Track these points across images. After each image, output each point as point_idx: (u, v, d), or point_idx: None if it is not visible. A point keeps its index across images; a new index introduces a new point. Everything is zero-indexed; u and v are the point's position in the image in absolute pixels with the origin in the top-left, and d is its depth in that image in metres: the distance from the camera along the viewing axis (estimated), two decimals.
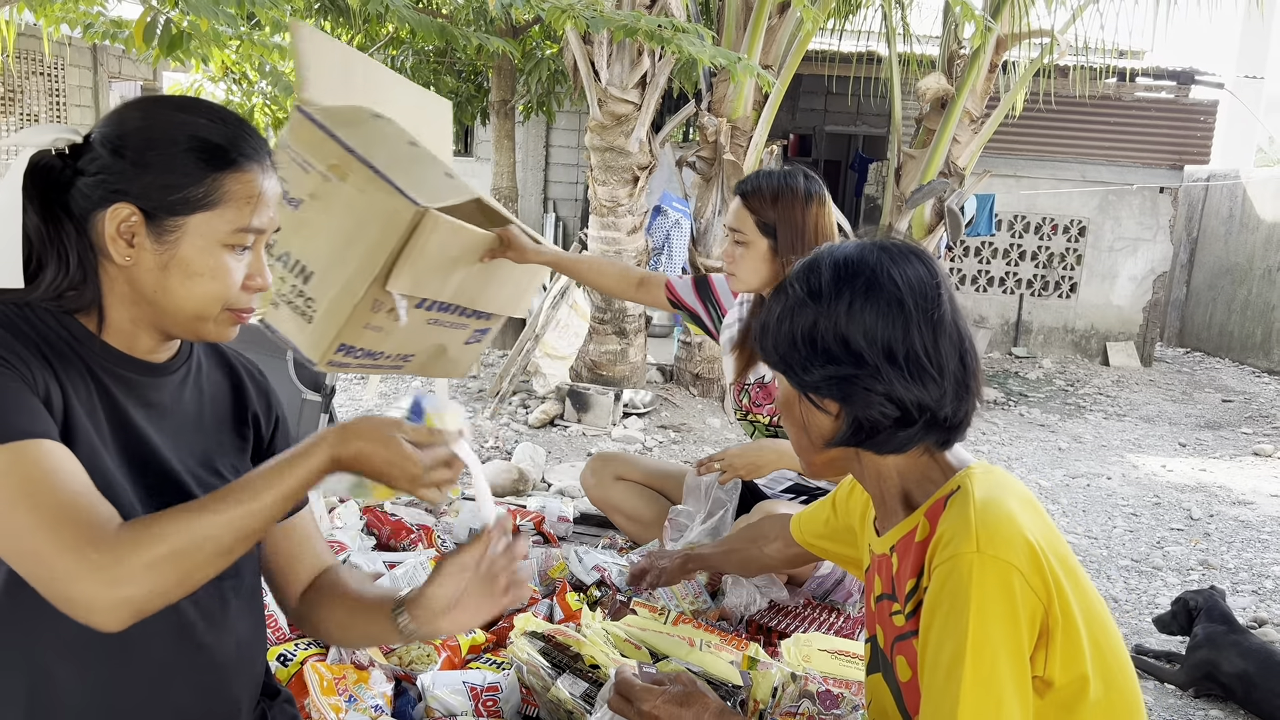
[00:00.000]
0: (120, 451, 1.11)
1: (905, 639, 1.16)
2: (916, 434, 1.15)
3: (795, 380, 1.18)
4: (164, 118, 1.10)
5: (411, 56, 7.70)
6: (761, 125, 6.15)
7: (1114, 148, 9.34)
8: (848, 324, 1.12)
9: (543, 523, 2.60)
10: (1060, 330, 9.76)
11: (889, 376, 1.11)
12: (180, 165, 1.08)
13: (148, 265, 1.09)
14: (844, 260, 1.16)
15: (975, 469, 1.18)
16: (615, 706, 1.35)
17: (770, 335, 1.19)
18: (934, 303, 1.13)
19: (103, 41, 3.89)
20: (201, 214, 1.09)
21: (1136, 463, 6.11)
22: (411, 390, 6.29)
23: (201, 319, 1.13)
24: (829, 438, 1.19)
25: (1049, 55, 6.93)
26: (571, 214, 11.69)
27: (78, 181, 1.08)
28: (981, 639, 1.03)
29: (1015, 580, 1.04)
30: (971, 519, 1.08)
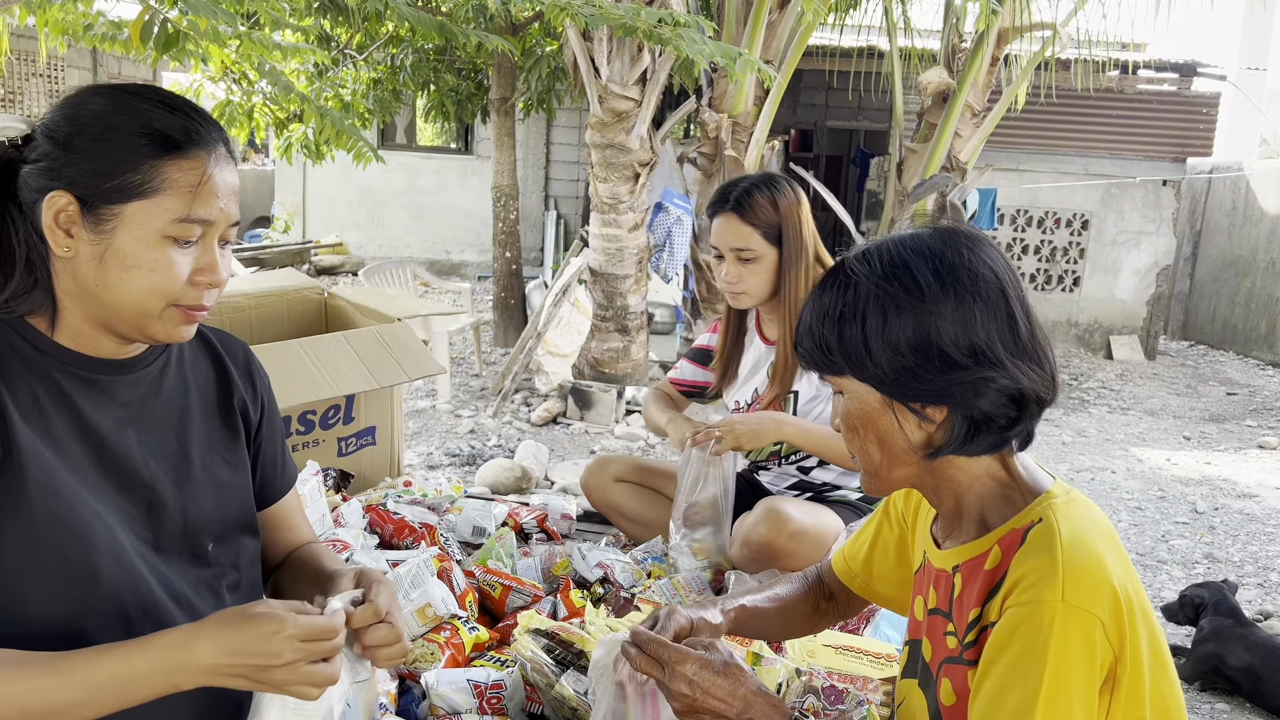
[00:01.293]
0: (87, 459, 1.07)
1: (955, 664, 1.12)
2: (1023, 425, 1.11)
3: (897, 391, 1.10)
4: (107, 103, 1.05)
5: (411, 55, 7.69)
6: (762, 121, 6.13)
7: (1116, 141, 9.31)
8: (961, 324, 1.07)
9: (546, 520, 2.59)
10: (1063, 324, 9.74)
11: (1013, 370, 1.07)
12: (116, 150, 1.02)
13: (85, 256, 1.03)
14: (933, 254, 1.10)
15: (1056, 497, 1.12)
16: (642, 666, 1.22)
17: (855, 343, 1.10)
18: (1020, 287, 1.11)
19: (102, 47, 3.87)
20: (138, 202, 1.03)
21: (1141, 456, 6.10)
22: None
23: (144, 315, 1.06)
24: (928, 447, 1.12)
25: (1051, 48, 6.91)
26: (573, 211, 11.68)
27: (21, 171, 1.04)
28: (1057, 691, 0.98)
29: (1097, 632, 1.00)
30: (1059, 564, 1.02)
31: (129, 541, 1.09)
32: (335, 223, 12.08)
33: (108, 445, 1.10)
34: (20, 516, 1.00)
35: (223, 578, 1.20)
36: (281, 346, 2.46)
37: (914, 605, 1.27)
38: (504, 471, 4.45)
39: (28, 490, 1.01)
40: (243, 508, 1.24)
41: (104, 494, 1.08)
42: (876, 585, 1.45)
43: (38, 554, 1.01)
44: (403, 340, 2.73)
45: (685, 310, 6.80)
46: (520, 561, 2.27)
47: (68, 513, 1.02)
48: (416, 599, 1.87)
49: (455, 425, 5.70)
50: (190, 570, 1.16)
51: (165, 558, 1.14)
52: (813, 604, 1.55)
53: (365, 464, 2.88)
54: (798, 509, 2.17)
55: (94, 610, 1.05)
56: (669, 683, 1.20)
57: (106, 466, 1.09)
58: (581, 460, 5.04)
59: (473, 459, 5.03)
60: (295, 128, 5.87)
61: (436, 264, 11.66)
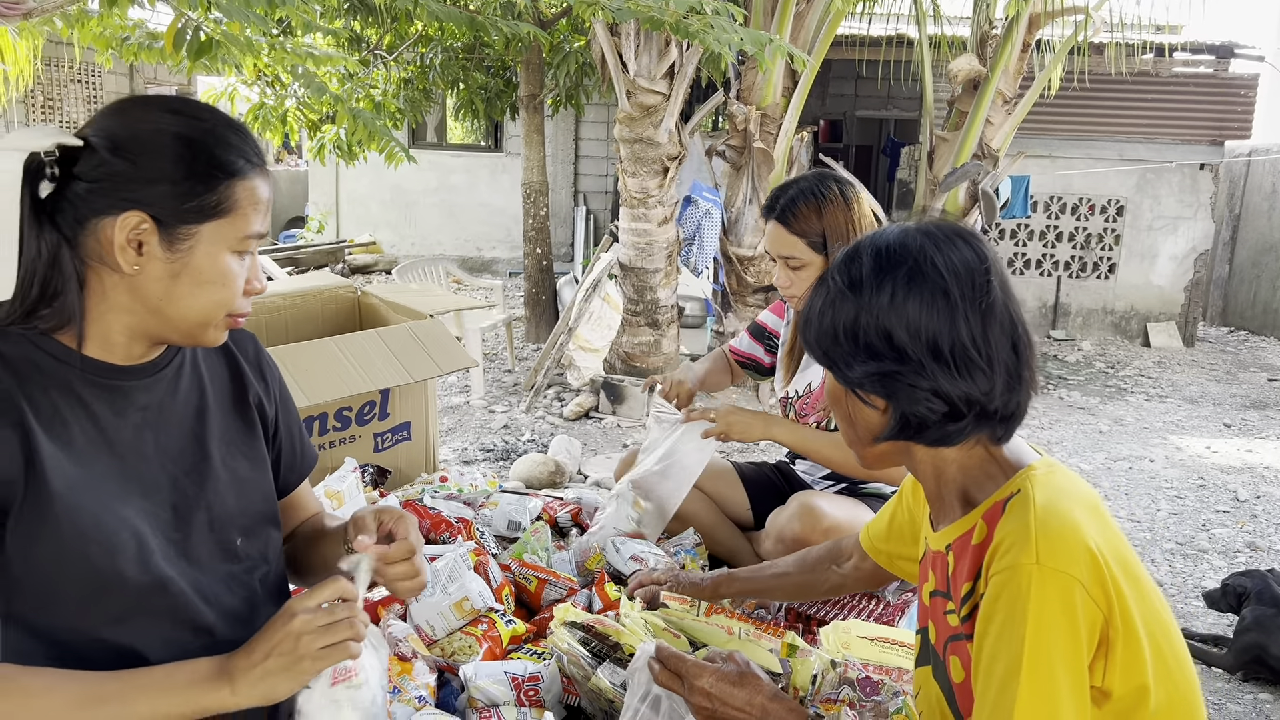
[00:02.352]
0: (109, 467, 1.09)
1: (959, 640, 1.14)
2: (967, 427, 1.10)
3: (839, 376, 1.14)
4: (176, 125, 1.06)
5: (440, 53, 7.74)
6: (791, 112, 6.11)
7: (1152, 125, 9.17)
8: (890, 317, 1.07)
9: (579, 514, 2.61)
10: (1099, 312, 9.61)
11: (934, 371, 1.06)
12: (195, 173, 1.05)
13: (156, 274, 1.06)
14: (885, 248, 1.11)
15: (1036, 469, 1.13)
16: (663, 681, 1.30)
17: (813, 329, 1.15)
18: (982, 289, 1.08)
19: (139, 59, 3.93)
20: (214, 222, 1.07)
21: (1180, 444, 6.02)
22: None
23: (204, 326, 1.11)
24: (877, 432, 1.15)
25: (1083, 32, 6.81)
26: (602, 206, 11.70)
27: (74, 186, 1.04)
28: (1038, 653, 0.99)
29: (1076, 593, 1.00)
30: (1031, 528, 1.04)
31: (157, 544, 1.11)
32: (368, 222, 12.19)
33: (129, 451, 1.11)
34: (47, 529, 1.02)
35: (254, 571, 1.23)
36: (317, 345, 2.50)
37: (920, 591, 1.29)
38: (537, 466, 4.48)
39: (53, 504, 1.02)
40: (265, 500, 1.26)
41: (129, 501, 1.09)
42: (898, 561, 1.50)
43: (66, 564, 1.03)
44: (435, 335, 2.76)
45: (715, 303, 6.80)
46: (555, 555, 2.29)
47: (92, 523, 1.04)
48: (454, 592, 1.89)
49: (489, 421, 5.74)
50: (221, 567, 1.19)
51: (196, 558, 1.16)
52: (825, 566, 1.66)
53: (401, 459, 2.92)
54: (831, 504, 2.17)
55: (125, 615, 1.08)
56: (688, 696, 1.27)
57: (129, 473, 1.11)
58: (614, 454, 5.06)
59: (506, 454, 5.07)
60: (328, 129, 5.93)
61: (468, 261, 11.73)
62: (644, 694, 1.35)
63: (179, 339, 1.13)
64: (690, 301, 7.69)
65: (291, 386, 2.35)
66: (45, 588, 1.03)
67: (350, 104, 4.75)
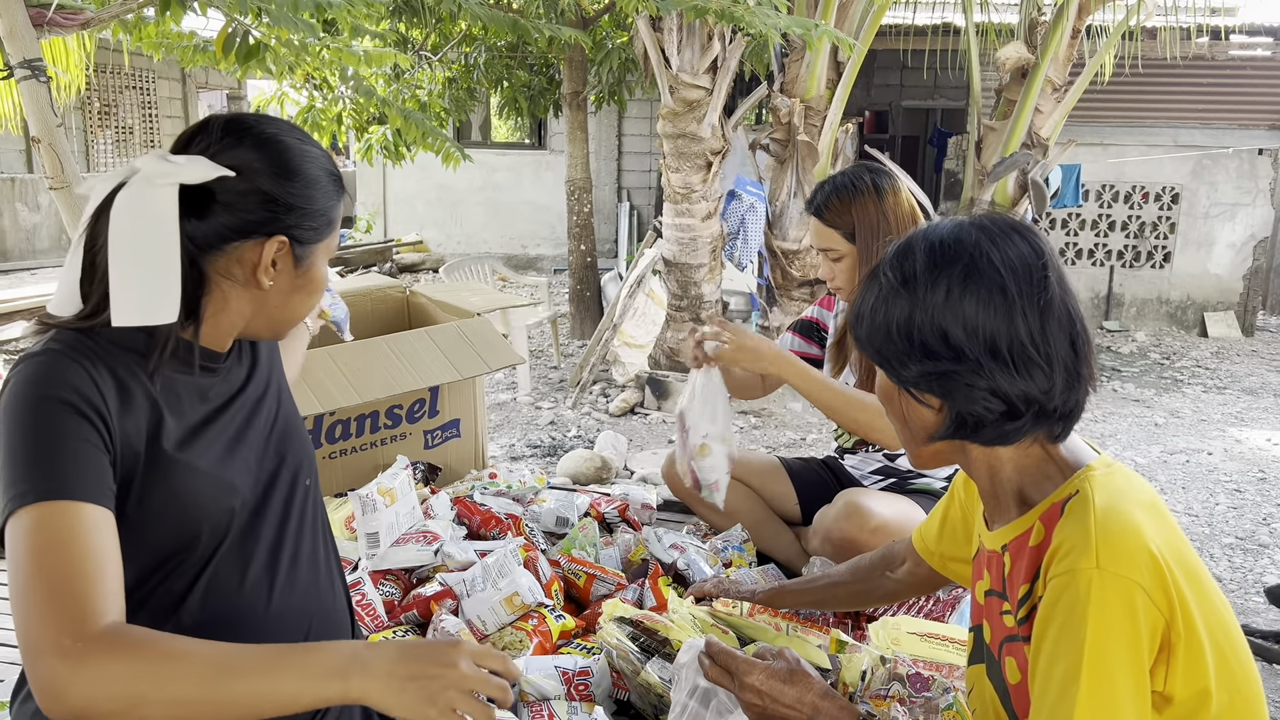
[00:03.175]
0: (215, 436, 1.19)
1: (1015, 641, 1.12)
2: (1025, 426, 1.08)
3: (893, 375, 1.12)
4: (304, 151, 1.17)
5: (484, 53, 7.79)
6: (835, 104, 6.06)
7: (1207, 110, 8.95)
8: (946, 315, 1.04)
9: (627, 509, 2.62)
10: (1154, 302, 9.42)
11: (991, 370, 1.04)
12: (323, 200, 1.17)
13: (282, 288, 1.18)
14: (939, 243, 1.08)
15: (1095, 469, 1.10)
16: (714, 677, 1.30)
17: (864, 326, 1.12)
18: (1040, 285, 1.05)
19: (194, 66, 4.03)
20: (326, 239, 1.20)
21: (1239, 437, 5.88)
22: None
23: (293, 324, 1.25)
24: (932, 431, 1.12)
25: (1136, 16, 6.68)
26: (646, 202, 11.70)
27: (217, 211, 1.11)
28: (1099, 658, 0.97)
29: (1137, 597, 0.98)
30: (1091, 531, 1.01)
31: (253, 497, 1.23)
32: (415, 221, 12.32)
33: (229, 422, 1.22)
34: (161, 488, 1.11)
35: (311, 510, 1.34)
36: (368, 344, 2.54)
37: (974, 590, 1.28)
38: (584, 462, 4.50)
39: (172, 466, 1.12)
40: (308, 439, 1.38)
41: (232, 462, 1.20)
42: (951, 564, 1.47)
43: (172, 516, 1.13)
44: (483, 333, 2.79)
45: (760, 297, 6.77)
46: (603, 551, 2.31)
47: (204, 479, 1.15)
48: (504, 588, 1.92)
49: (536, 417, 5.79)
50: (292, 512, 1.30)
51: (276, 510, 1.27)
52: (879, 573, 1.63)
53: (451, 456, 2.96)
54: (879, 502, 2.16)
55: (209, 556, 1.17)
56: (739, 693, 1.27)
57: (230, 439, 1.21)
58: (660, 450, 5.07)
59: (554, 450, 5.10)
60: (375, 130, 6.01)
61: (513, 259, 11.81)
62: (692, 689, 1.36)
63: (268, 336, 1.26)
64: (735, 296, 7.68)
65: (344, 385, 2.40)
66: (154, 546, 1.12)
67: (398, 105, 4.81)
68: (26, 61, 2.79)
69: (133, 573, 1.09)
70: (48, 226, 11.20)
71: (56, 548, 0.96)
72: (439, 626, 1.83)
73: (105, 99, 12.59)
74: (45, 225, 11.21)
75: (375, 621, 1.93)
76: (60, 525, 0.97)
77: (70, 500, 0.99)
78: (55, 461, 1.00)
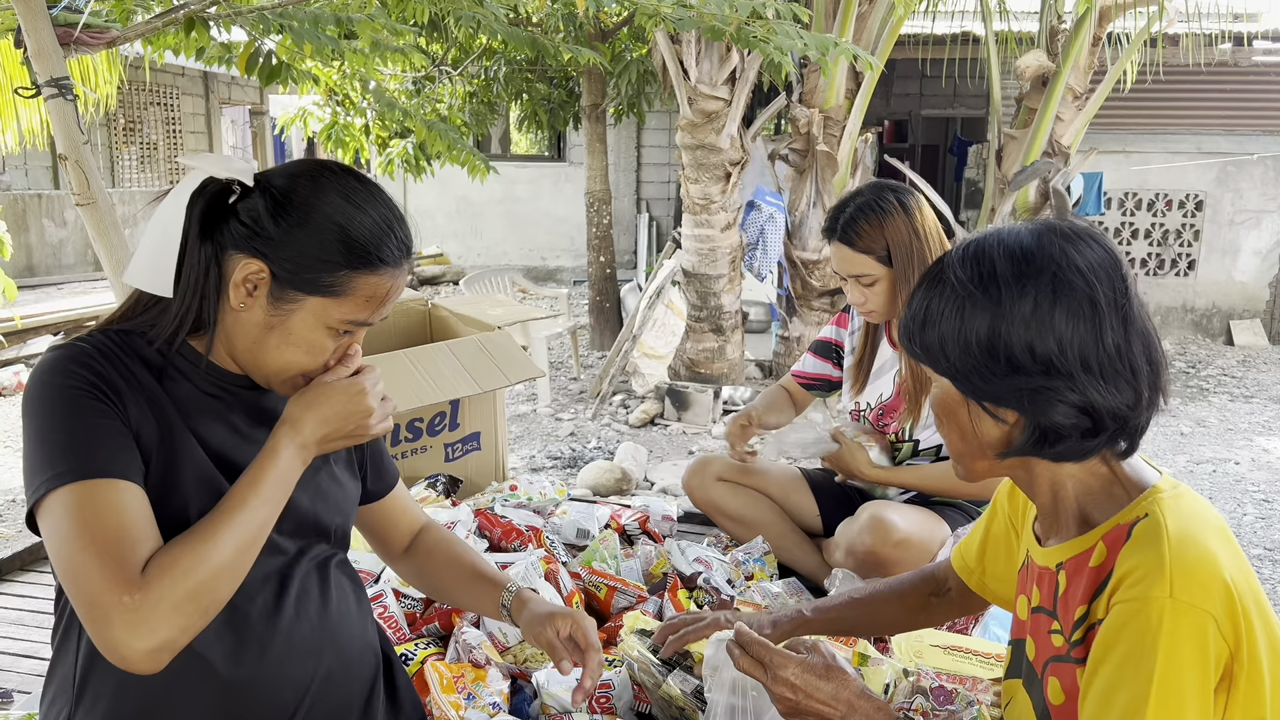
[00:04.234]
0: (234, 458, 1.17)
1: (1063, 662, 1.09)
2: (1103, 442, 1.05)
3: (966, 387, 1.07)
4: (329, 200, 1.12)
5: (504, 66, 7.84)
6: (855, 114, 6.06)
7: (1231, 116, 8.88)
8: (1035, 329, 1.01)
9: (647, 521, 2.62)
10: (1179, 310, 9.33)
11: (1084, 385, 1.00)
12: (322, 252, 1.11)
13: (255, 319, 1.14)
14: (1022, 252, 1.04)
15: (1163, 491, 1.07)
16: (745, 668, 1.26)
17: (933, 335, 1.07)
18: (1123, 295, 1.02)
19: (214, 66, 4.07)
20: (321, 298, 1.12)
21: (1267, 446, 5.81)
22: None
23: (277, 378, 1.18)
24: (1001, 446, 1.08)
25: (1157, 23, 6.64)
26: (665, 213, 11.72)
27: (232, 221, 1.12)
28: (1167, 690, 0.95)
29: (1210, 629, 0.96)
30: (1166, 559, 0.98)
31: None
32: (435, 233, 12.39)
33: (236, 450, 1.19)
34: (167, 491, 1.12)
35: (333, 559, 1.33)
36: (389, 357, 2.55)
37: (1017, 604, 1.25)
38: (604, 473, 4.50)
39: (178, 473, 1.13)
40: (335, 511, 1.32)
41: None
42: (991, 583, 1.42)
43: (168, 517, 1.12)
44: (503, 347, 2.80)
45: (780, 308, 6.76)
46: (624, 563, 2.31)
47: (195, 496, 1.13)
48: None
49: (556, 428, 5.79)
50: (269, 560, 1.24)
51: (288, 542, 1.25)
52: (922, 597, 1.53)
53: (472, 468, 2.97)
54: (902, 516, 2.14)
55: None
56: (771, 686, 1.22)
57: (236, 465, 1.18)
58: (680, 461, 5.06)
59: (574, 461, 5.11)
60: (395, 144, 6.06)
61: (533, 270, 11.85)
62: (725, 706, 1.34)
63: (254, 377, 1.20)
64: (755, 307, 7.67)
65: None
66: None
67: (428, 119, 4.86)
68: (54, 80, 2.83)
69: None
70: (74, 242, 11.35)
71: (102, 516, 1.02)
72: (460, 638, 1.83)
73: (130, 115, 12.76)
74: (72, 240, 11.35)
75: (397, 634, 1.94)
76: (100, 499, 1.03)
77: (107, 478, 1.04)
78: (88, 442, 1.05)
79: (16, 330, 6.93)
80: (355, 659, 1.29)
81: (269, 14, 3.23)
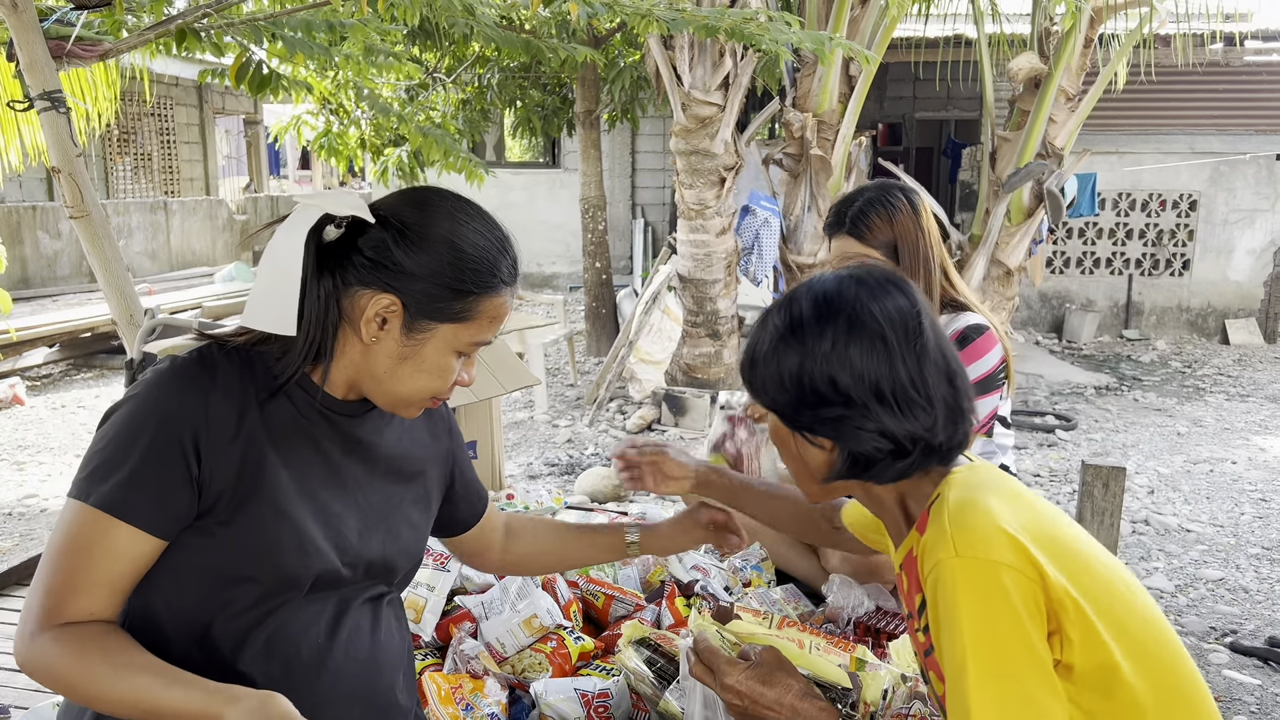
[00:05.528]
0: (320, 488, 1.19)
1: (930, 654, 1.16)
2: (914, 462, 1.16)
3: (789, 420, 1.19)
4: (453, 229, 1.15)
5: (497, 73, 7.85)
6: (848, 117, 6.07)
7: (1224, 116, 8.90)
8: (834, 364, 1.13)
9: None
10: (1174, 310, 9.35)
11: (879, 413, 1.13)
12: (454, 282, 1.14)
13: (388, 351, 1.16)
14: (823, 297, 1.17)
15: (957, 472, 1.19)
16: (697, 674, 1.33)
17: (757, 374, 1.20)
18: (915, 332, 1.15)
19: (209, 80, 4.07)
20: (453, 325, 1.16)
21: (1263, 445, 5.82)
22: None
23: (408, 403, 1.21)
24: (826, 471, 1.20)
25: (1148, 24, 6.65)
26: (660, 219, 11.73)
27: (355, 256, 1.13)
28: (979, 640, 1.03)
29: (1003, 575, 1.04)
30: (946, 525, 1.10)
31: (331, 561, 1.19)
32: None
33: (334, 478, 1.21)
34: (243, 530, 1.13)
35: (383, 598, 1.32)
36: None
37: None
38: (602, 480, 4.50)
39: (260, 507, 1.13)
40: (405, 555, 1.32)
41: (328, 520, 1.19)
42: (870, 534, 1.58)
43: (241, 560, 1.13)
44: (498, 355, 2.80)
45: None
46: (621, 571, 2.30)
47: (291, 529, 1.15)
48: (523, 610, 1.92)
49: (553, 435, 5.79)
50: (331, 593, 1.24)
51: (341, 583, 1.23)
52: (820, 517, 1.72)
53: None
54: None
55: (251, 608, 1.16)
56: (720, 692, 1.30)
57: (333, 497, 1.20)
58: None
59: (571, 468, 5.10)
60: (390, 152, 6.06)
61: (529, 277, 11.85)
62: (703, 696, 1.39)
63: (381, 404, 1.22)
64: (750, 311, 7.67)
65: None
66: (194, 572, 1.13)
67: (424, 126, 4.86)
68: (46, 93, 2.83)
69: (198, 593, 1.13)
70: (69, 254, 11.34)
71: (73, 553, 1.07)
72: (458, 649, 1.83)
73: (124, 126, 12.75)
74: (66, 252, 11.34)
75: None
76: (91, 536, 1.07)
77: (116, 519, 1.07)
78: (129, 479, 1.07)
79: (12, 343, 6.91)
80: (384, 708, 1.29)
81: (261, 24, 3.23)
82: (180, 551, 1.12)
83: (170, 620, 1.14)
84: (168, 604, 1.14)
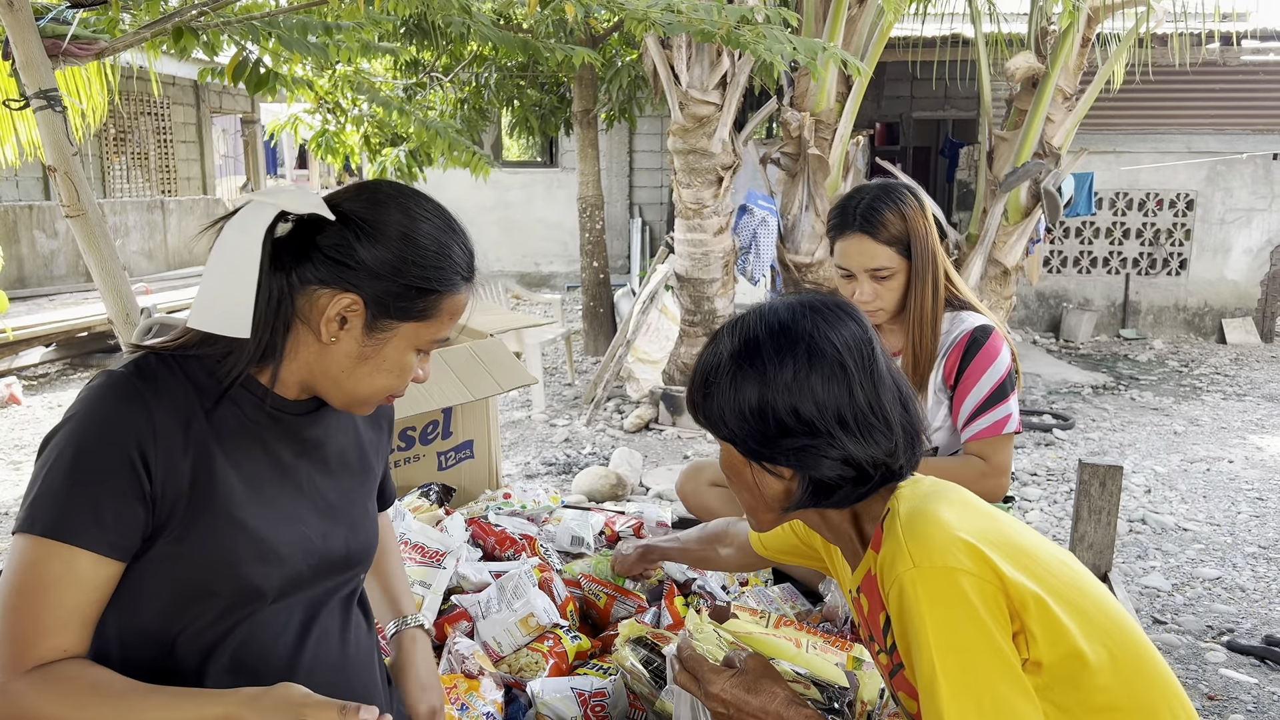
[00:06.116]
0: (274, 492, 1.16)
1: (896, 674, 1.17)
2: (874, 487, 1.17)
3: (746, 450, 1.18)
4: (417, 228, 1.13)
5: (495, 73, 7.84)
6: (846, 117, 6.07)
7: (1221, 116, 8.91)
8: (795, 394, 1.13)
9: (641, 528, 2.62)
10: (1171, 309, 9.36)
11: (842, 440, 1.13)
12: (418, 280, 1.12)
13: (347, 351, 1.14)
14: (780, 327, 1.16)
15: (903, 487, 1.19)
16: (681, 682, 1.32)
17: (715, 407, 1.18)
18: (870, 359, 1.16)
19: (207, 80, 4.07)
20: (414, 323, 1.14)
21: (1260, 444, 5.82)
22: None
23: (365, 403, 1.19)
24: (785, 500, 1.20)
25: (1146, 24, 6.65)
26: (657, 218, 11.72)
27: (313, 254, 1.10)
28: (946, 648, 1.03)
29: (962, 580, 1.05)
30: (900, 538, 1.10)
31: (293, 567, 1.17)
32: None
33: (289, 480, 1.19)
34: (200, 539, 1.10)
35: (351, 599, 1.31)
36: None
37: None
38: (599, 479, 4.50)
39: (215, 517, 1.10)
40: (363, 549, 1.32)
41: (282, 524, 1.16)
42: (782, 556, 1.65)
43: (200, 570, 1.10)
44: (495, 354, 2.80)
45: None
46: None
47: (247, 538, 1.12)
48: (519, 609, 1.91)
49: (550, 435, 5.79)
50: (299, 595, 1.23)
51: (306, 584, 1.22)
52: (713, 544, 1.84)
53: (465, 477, 2.96)
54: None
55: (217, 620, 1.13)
56: (705, 700, 1.30)
57: (287, 499, 1.18)
58: (675, 465, 5.06)
59: (568, 467, 5.10)
60: (388, 152, 6.05)
61: (526, 276, 11.84)
62: (690, 703, 1.39)
63: (336, 404, 1.20)
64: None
65: None
66: (151, 591, 1.09)
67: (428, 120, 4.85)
68: (42, 92, 2.82)
69: (157, 612, 1.10)
70: (65, 253, 11.32)
71: (33, 591, 1.02)
72: (453, 649, 1.83)
73: (121, 125, 12.73)
74: (63, 252, 11.32)
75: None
76: (49, 569, 1.02)
77: (67, 544, 1.02)
78: (74, 502, 1.03)
79: (9, 342, 6.90)
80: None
81: (257, 23, 3.22)
82: (137, 570, 1.08)
83: (127, 642, 1.11)
84: (121, 626, 1.10)
